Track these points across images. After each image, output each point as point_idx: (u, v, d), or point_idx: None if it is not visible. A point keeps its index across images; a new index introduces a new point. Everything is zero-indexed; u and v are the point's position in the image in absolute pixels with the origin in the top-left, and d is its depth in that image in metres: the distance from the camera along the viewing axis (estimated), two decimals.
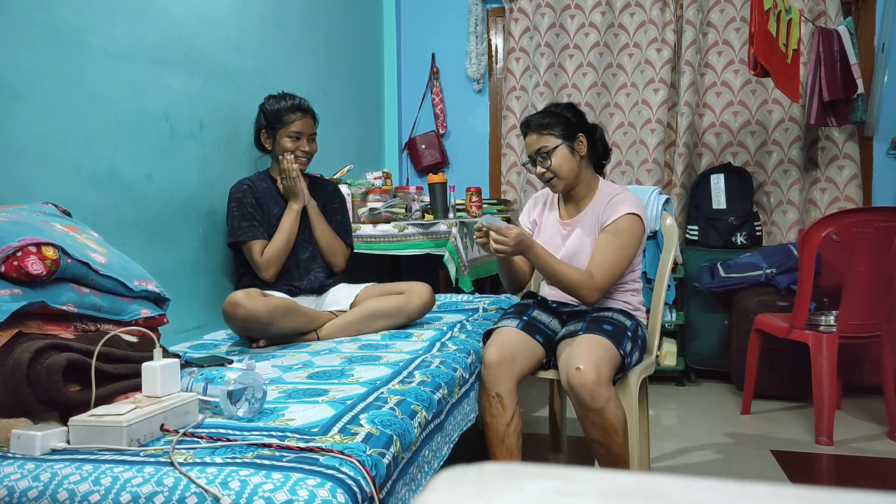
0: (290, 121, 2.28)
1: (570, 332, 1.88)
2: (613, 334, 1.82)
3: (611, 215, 1.92)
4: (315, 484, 0.92)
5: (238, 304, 1.90)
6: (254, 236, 2.22)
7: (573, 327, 1.90)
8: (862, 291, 2.58)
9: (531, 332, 1.92)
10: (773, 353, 2.97)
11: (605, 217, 1.93)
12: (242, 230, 2.22)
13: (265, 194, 2.31)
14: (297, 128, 2.28)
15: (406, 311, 2.17)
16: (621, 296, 2.01)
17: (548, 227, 2.08)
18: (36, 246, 1.21)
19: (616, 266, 1.88)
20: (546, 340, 1.95)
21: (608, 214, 1.93)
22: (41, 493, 0.94)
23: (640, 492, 0.27)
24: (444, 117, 4.13)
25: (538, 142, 1.97)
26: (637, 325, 1.96)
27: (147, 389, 1.17)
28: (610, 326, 1.85)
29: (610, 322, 1.87)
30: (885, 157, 3.59)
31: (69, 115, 1.80)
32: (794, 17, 3.14)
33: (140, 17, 2.06)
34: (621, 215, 1.91)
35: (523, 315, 1.99)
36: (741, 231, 3.49)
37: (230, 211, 2.25)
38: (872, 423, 2.77)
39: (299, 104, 2.31)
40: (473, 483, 0.28)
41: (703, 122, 3.74)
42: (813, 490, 0.26)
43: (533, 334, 1.92)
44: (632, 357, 1.87)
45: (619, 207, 1.92)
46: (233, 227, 2.24)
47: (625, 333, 1.87)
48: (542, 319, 2.00)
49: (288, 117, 2.28)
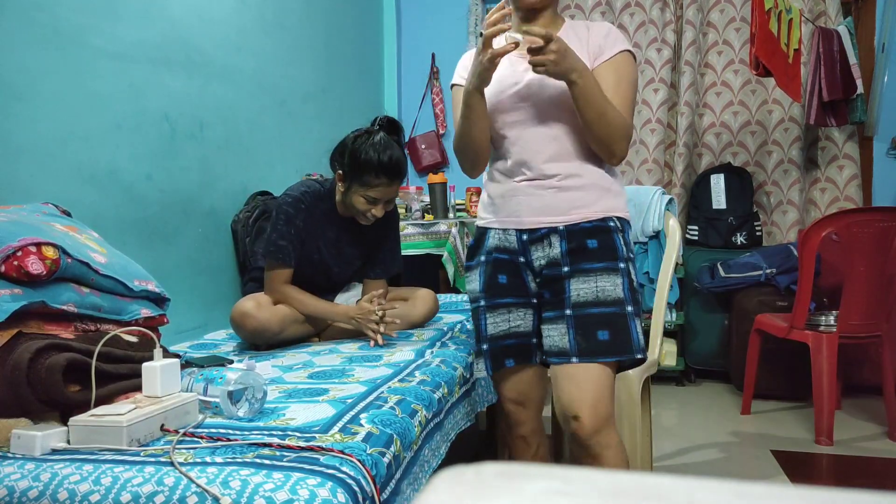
0: (373, 185, 1.94)
1: (556, 348, 1.47)
2: (613, 345, 1.43)
3: (612, 47, 1.49)
4: (315, 483, 0.92)
5: (248, 316, 1.87)
6: (283, 261, 1.98)
7: (556, 336, 1.47)
8: (862, 291, 2.58)
9: (499, 362, 1.58)
10: (773, 353, 2.97)
11: (604, 47, 1.49)
12: (276, 248, 1.99)
13: (319, 219, 2.07)
14: (377, 194, 1.95)
15: (410, 319, 2.13)
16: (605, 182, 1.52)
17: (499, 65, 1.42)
18: (36, 246, 1.21)
19: (632, 109, 1.50)
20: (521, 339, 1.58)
21: (608, 45, 1.49)
22: (41, 493, 0.94)
23: (639, 492, 0.27)
24: (444, 117, 4.13)
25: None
26: (628, 275, 1.48)
27: (147, 389, 1.17)
28: (606, 331, 1.43)
29: (604, 319, 1.44)
30: (885, 157, 3.59)
31: (69, 116, 1.80)
32: (795, 17, 3.14)
33: (140, 18, 2.06)
34: (621, 51, 1.49)
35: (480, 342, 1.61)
36: (741, 231, 3.49)
37: (275, 222, 2.01)
38: (872, 423, 2.77)
39: (390, 167, 1.94)
40: (473, 483, 0.28)
41: (703, 122, 3.74)
42: (813, 490, 0.27)
43: (502, 363, 1.57)
44: (639, 344, 1.46)
45: (617, 40, 1.50)
46: (269, 241, 2.01)
47: (626, 323, 1.44)
48: (500, 330, 1.57)
49: (372, 179, 1.93)
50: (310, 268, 2.08)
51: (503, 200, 1.55)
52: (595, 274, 1.46)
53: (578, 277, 1.46)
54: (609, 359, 1.44)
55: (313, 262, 2.09)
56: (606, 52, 1.48)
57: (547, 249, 1.51)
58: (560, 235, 1.49)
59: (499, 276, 1.57)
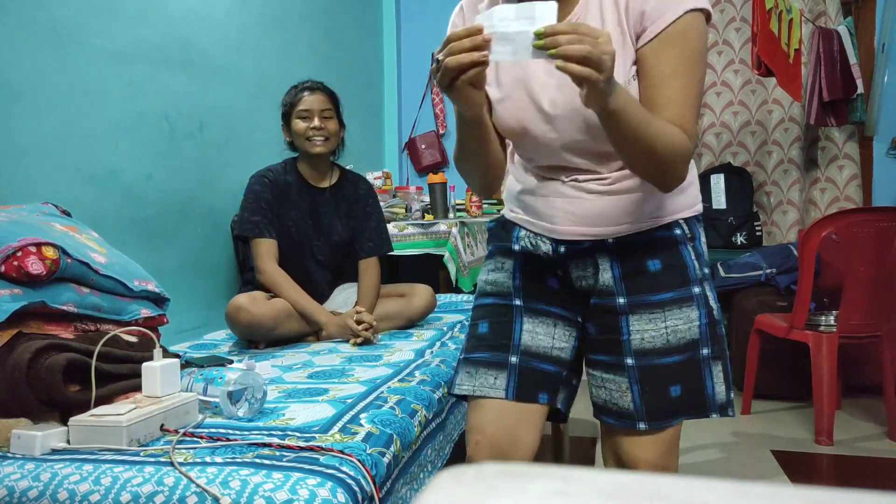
0: (298, 100, 2.12)
1: (614, 406, 1.14)
2: (685, 403, 1.12)
3: (664, 11, 1.00)
4: (315, 483, 0.92)
5: (242, 309, 1.89)
6: (260, 234, 2.06)
7: (613, 389, 1.14)
8: (862, 291, 2.58)
9: (531, 391, 1.15)
10: (773, 353, 2.97)
11: (650, 13, 1.00)
12: (251, 225, 2.07)
13: (286, 189, 2.15)
14: (305, 105, 2.10)
15: (407, 314, 2.16)
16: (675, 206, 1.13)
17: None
18: (36, 246, 1.21)
19: (698, 105, 1.05)
20: (559, 367, 1.19)
21: (660, 8, 1.00)
22: (41, 493, 0.94)
23: (640, 492, 0.27)
24: (444, 117, 4.13)
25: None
26: (706, 303, 1.12)
27: (147, 389, 1.17)
28: (678, 385, 1.11)
29: (676, 371, 1.11)
30: (885, 157, 3.59)
31: (69, 115, 1.80)
32: (795, 17, 3.14)
33: (140, 17, 2.06)
34: (689, 10, 0.99)
35: (506, 350, 1.16)
36: (741, 231, 3.49)
37: (244, 202, 2.12)
38: (872, 423, 2.77)
39: (307, 84, 2.16)
40: (473, 482, 0.28)
41: (703, 121, 3.74)
42: (813, 490, 0.26)
43: (535, 394, 1.15)
44: (718, 398, 1.13)
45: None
46: (242, 220, 2.10)
47: (699, 373, 1.11)
48: (541, 346, 1.17)
49: (295, 98, 2.13)
50: (291, 246, 2.13)
51: (533, 199, 1.16)
52: (663, 309, 1.11)
53: (640, 315, 1.11)
54: (682, 419, 1.14)
55: (291, 237, 2.14)
56: (665, 17, 0.99)
57: (590, 270, 1.15)
58: (609, 253, 1.13)
59: (544, 275, 1.19)
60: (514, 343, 1.16)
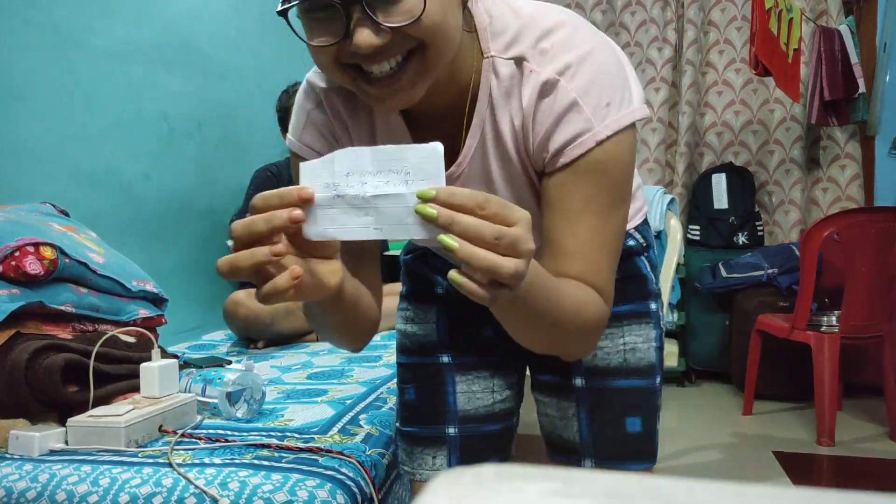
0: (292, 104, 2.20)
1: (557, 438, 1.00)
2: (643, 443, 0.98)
3: (577, 137, 0.74)
4: (314, 485, 0.91)
5: (240, 304, 1.90)
6: None
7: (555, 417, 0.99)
8: (863, 292, 2.57)
9: (477, 460, 0.96)
10: (775, 353, 2.96)
11: (557, 138, 0.75)
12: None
13: (290, 184, 2.20)
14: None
15: None
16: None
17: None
18: (34, 246, 1.21)
19: (617, 248, 0.79)
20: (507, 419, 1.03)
21: (572, 133, 0.74)
22: (39, 493, 0.94)
23: (640, 493, 0.26)
24: None
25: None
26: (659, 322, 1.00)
27: (145, 390, 1.16)
28: (638, 417, 0.97)
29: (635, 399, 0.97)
30: (887, 157, 3.58)
31: (67, 115, 1.80)
32: (795, 17, 3.14)
33: (138, 17, 2.06)
34: (606, 138, 0.73)
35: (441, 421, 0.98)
36: (742, 231, 3.49)
37: (248, 195, 2.24)
38: (874, 424, 2.76)
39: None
40: (471, 485, 0.28)
41: (705, 121, 3.74)
42: (814, 491, 0.26)
43: (483, 461, 0.97)
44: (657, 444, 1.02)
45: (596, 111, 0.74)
46: (244, 213, 2.14)
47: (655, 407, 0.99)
48: (481, 407, 0.99)
49: (288, 102, 2.15)
50: None
51: None
52: (620, 322, 0.95)
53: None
54: (633, 468, 0.96)
55: None
56: (578, 145, 0.74)
57: None
58: None
59: (477, 323, 0.98)
60: (449, 410, 0.98)
